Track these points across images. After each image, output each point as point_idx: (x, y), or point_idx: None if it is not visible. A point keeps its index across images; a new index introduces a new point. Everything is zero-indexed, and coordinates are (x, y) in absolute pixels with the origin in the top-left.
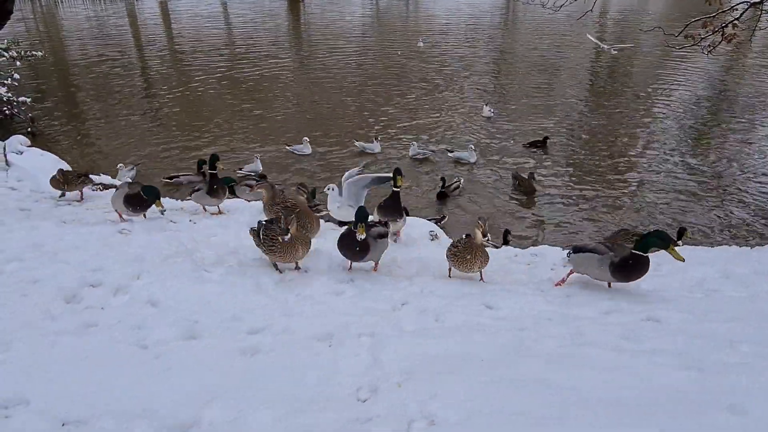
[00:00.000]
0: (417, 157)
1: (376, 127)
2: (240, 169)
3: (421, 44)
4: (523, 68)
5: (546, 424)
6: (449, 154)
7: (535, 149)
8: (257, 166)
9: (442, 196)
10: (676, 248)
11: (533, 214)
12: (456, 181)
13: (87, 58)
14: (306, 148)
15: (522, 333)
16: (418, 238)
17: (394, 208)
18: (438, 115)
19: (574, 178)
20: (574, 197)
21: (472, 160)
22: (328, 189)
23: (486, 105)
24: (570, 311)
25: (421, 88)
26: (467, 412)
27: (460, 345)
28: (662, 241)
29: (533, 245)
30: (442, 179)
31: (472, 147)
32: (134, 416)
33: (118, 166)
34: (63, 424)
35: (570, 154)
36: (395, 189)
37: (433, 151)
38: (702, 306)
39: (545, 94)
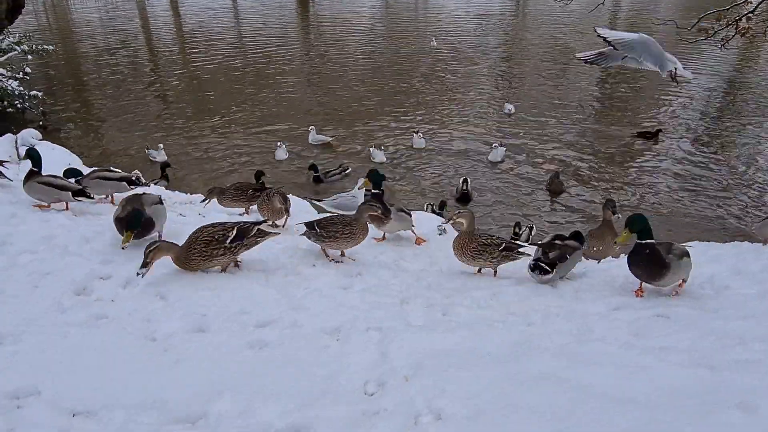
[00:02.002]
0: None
1: (386, 122)
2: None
3: (434, 43)
4: (536, 61)
5: (554, 420)
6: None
7: (644, 140)
8: (283, 153)
9: (465, 199)
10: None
11: (553, 210)
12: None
13: (97, 51)
14: (160, 155)
15: (530, 328)
16: (427, 233)
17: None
18: (453, 111)
19: (590, 172)
20: (591, 192)
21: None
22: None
23: (507, 103)
24: (578, 307)
25: (434, 83)
26: (475, 406)
27: (468, 340)
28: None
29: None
30: (465, 181)
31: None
32: (143, 407)
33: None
34: (73, 415)
35: (586, 148)
36: (373, 191)
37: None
38: (712, 303)
39: (559, 87)
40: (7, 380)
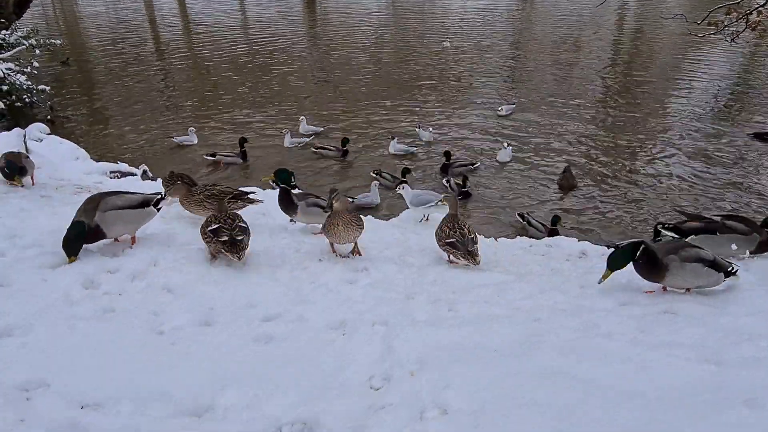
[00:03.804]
0: (398, 153)
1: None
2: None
3: (447, 44)
4: (546, 55)
5: (561, 415)
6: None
7: (762, 142)
8: (289, 141)
9: (467, 196)
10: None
11: (559, 207)
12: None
13: (104, 45)
14: (192, 137)
15: (536, 324)
16: (432, 229)
17: (286, 202)
18: (461, 105)
19: (600, 168)
20: (598, 189)
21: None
22: (401, 188)
23: (505, 105)
24: (585, 303)
25: (442, 77)
26: (480, 401)
27: (474, 335)
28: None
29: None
30: (464, 177)
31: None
32: (151, 400)
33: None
34: (82, 407)
35: (596, 145)
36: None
37: (415, 147)
38: (721, 299)
39: (567, 83)
40: (16, 372)
